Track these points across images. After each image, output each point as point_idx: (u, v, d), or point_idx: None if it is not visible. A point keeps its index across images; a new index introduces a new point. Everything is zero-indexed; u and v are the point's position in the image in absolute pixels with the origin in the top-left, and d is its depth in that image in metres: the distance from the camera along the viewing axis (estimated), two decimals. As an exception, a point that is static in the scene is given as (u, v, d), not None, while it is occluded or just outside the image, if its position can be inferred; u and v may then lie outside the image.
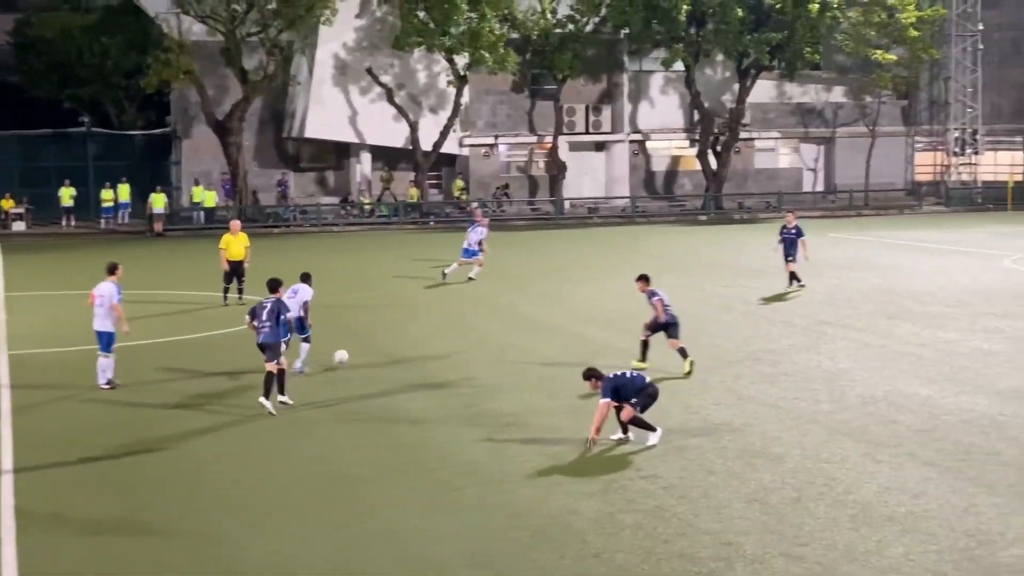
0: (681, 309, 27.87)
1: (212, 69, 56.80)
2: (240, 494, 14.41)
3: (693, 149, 63.58)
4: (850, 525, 12.89)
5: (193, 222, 56.28)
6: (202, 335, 25.79)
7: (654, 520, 13.16)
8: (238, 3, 54.26)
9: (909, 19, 61.17)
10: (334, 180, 62.02)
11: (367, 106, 58.90)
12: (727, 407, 18.32)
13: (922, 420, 17.33)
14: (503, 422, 17.57)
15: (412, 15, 55.57)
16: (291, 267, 38.85)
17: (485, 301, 30.27)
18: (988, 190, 65.37)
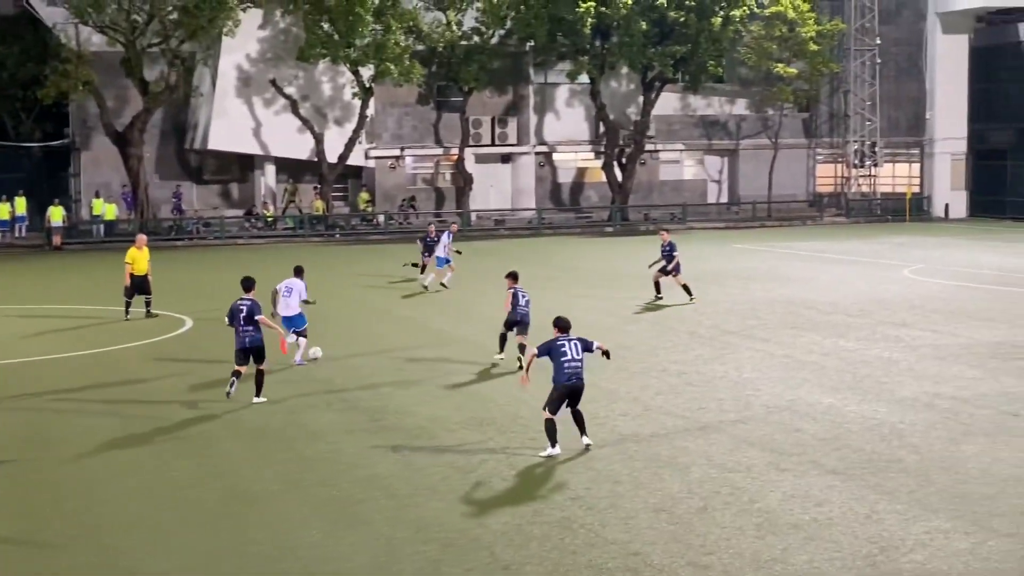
0: (588, 320, 28.05)
1: (112, 80, 55.97)
2: (141, 511, 14.12)
3: (599, 161, 63.97)
4: (756, 533, 12.97)
5: (93, 235, 55.30)
6: (102, 350, 25.29)
7: (562, 531, 13.13)
8: (138, 13, 53.50)
9: (809, 33, 62.21)
10: (238, 192, 61.38)
11: (271, 118, 58.40)
12: (634, 418, 18.37)
13: (825, 428, 17.53)
14: (409, 435, 17.44)
15: (316, 27, 55.28)
16: (193, 280, 38.46)
17: (391, 313, 30.12)
18: (887, 201, 66.67)
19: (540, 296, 33.00)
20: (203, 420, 18.63)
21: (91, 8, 52.22)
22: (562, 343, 16.62)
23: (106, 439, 17.56)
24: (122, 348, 25.45)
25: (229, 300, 23.35)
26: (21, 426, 18.36)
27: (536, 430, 17.53)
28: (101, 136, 56.47)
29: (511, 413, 18.74)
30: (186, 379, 22.04)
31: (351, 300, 32.20)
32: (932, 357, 23.03)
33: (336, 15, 54.63)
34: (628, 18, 56.99)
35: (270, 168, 60.09)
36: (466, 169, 60.45)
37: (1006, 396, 19.53)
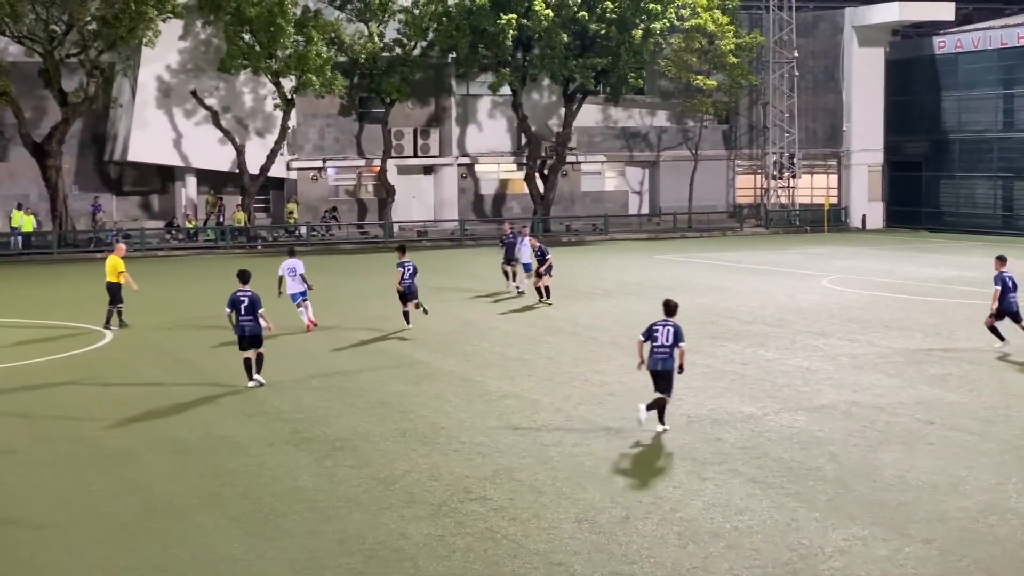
0: (509, 330, 28.12)
1: (30, 90, 55.17)
2: (56, 526, 13.91)
3: (521, 172, 64.14)
4: (677, 542, 13.08)
5: (11, 247, 54.43)
6: (18, 363, 24.88)
7: (485, 542, 13.15)
8: (57, 23, 52.81)
9: (728, 46, 62.89)
10: (159, 204, 60.73)
11: (192, 129, 57.88)
12: (556, 428, 18.44)
13: (745, 437, 17.71)
14: (331, 447, 17.37)
15: (237, 37, 54.92)
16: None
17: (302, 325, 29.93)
18: (805, 212, 67.59)
19: (461, 307, 33.09)
20: (121, 434, 18.42)
21: (8, 18, 51.48)
22: (657, 328, 18.19)
23: (20, 452, 17.29)
24: (39, 362, 25.08)
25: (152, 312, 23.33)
26: (-66, 442, 18.04)
27: (460, 440, 17.57)
28: (19, 147, 55.60)
29: (433, 424, 18.73)
30: (105, 392, 21.76)
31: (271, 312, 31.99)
32: (850, 366, 23.38)
33: (257, 26, 54.33)
34: (549, 30, 57.28)
35: (191, 179, 59.54)
36: (388, 180, 60.31)
37: (922, 404, 19.87)
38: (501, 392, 21.20)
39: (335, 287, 38.34)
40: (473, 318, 30.95)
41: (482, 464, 16.32)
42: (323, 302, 34.19)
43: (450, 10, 58.45)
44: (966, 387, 21.26)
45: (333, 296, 35.75)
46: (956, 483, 15.15)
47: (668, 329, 18.07)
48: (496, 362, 24.30)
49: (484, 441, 17.60)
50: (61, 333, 29.26)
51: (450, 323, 29.90)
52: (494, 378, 22.53)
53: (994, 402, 19.95)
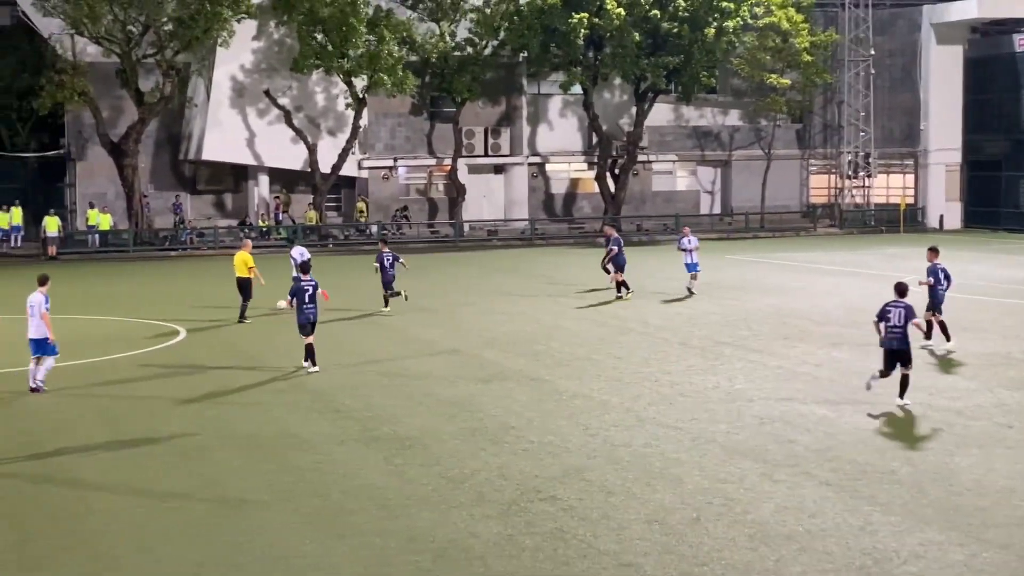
0: (578, 330, 28.05)
1: (107, 90, 55.97)
2: (132, 520, 14.07)
3: (592, 172, 63.99)
4: (748, 544, 12.94)
5: (88, 246, 55.24)
6: (94, 360, 25.22)
7: (554, 542, 13.09)
8: (134, 24, 53.51)
9: (803, 44, 62.28)
10: (232, 202, 61.34)
11: (265, 128, 58.40)
12: (626, 428, 18.34)
13: (818, 439, 17.50)
14: (401, 445, 17.41)
15: (310, 37, 55.32)
16: (187, 290, 38.41)
17: (381, 324, 30.08)
18: (880, 212, 66.75)
19: (530, 307, 33.05)
20: (195, 430, 18.59)
21: (87, 19, 52.24)
22: (890, 310, 19.62)
23: (98, 448, 17.51)
24: (115, 358, 25.40)
25: (222, 310, 23.61)
26: (14, 435, 18.31)
27: (529, 440, 17.54)
28: (96, 147, 56.44)
29: (503, 423, 18.71)
30: (179, 389, 21.99)
31: (340, 310, 32.15)
32: (926, 368, 23.01)
33: (330, 26, 54.68)
34: (621, 29, 57.06)
35: (263, 178, 60.06)
36: (459, 180, 60.44)
37: (1000, 407, 19.52)
38: (570, 392, 21.13)
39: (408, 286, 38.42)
40: (542, 318, 30.90)
41: (551, 464, 16.26)
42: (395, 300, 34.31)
43: (521, 9, 58.45)
44: (1045, 390, 20.85)
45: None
46: (1035, 488, 14.87)
47: (900, 310, 19.55)
48: (565, 362, 24.23)
49: (553, 440, 17.55)
50: (138, 330, 29.62)
51: (519, 323, 29.88)
52: (563, 378, 22.47)
53: (1074, 406, 19.55)
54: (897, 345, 19.48)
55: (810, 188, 69.20)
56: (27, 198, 57.72)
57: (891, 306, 19.58)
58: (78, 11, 51.81)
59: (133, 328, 29.88)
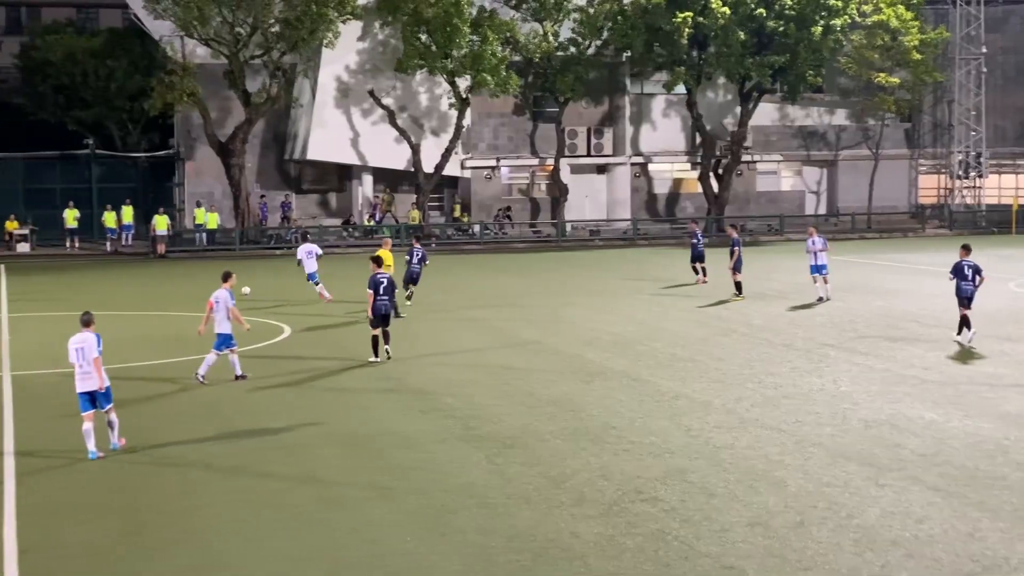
0: (681, 332, 27.86)
1: (215, 91, 56.93)
2: (236, 516, 14.28)
3: (695, 172, 63.58)
4: (854, 550, 12.74)
5: (196, 244, 56.25)
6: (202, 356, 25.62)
7: (655, 543, 13.02)
8: (242, 26, 54.37)
9: (912, 42, 61.23)
10: (336, 202, 62.02)
11: (369, 128, 58.97)
12: (728, 430, 18.18)
13: (926, 444, 17.18)
14: (503, 445, 17.44)
15: (414, 38, 55.71)
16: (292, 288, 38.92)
17: (484, 324, 30.17)
18: (992, 213, 65.33)
19: (632, 307, 32.92)
20: (299, 426, 18.81)
21: (196, 21, 53.20)
22: (963, 265, 25.61)
23: (206, 443, 17.81)
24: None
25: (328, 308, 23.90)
26: (123, 429, 18.67)
27: (631, 440, 17.46)
28: (204, 146, 57.46)
29: (604, 423, 18.65)
30: (283, 386, 22.27)
31: (440, 310, 32.30)
32: (1037, 372, 22.49)
33: (434, 26, 55.03)
34: (726, 28, 56.59)
35: (367, 178, 60.65)
36: (561, 179, 60.44)
37: (1115, 413, 19.00)
38: (672, 392, 21.00)
39: (507, 286, 38.60)
40: (644, 318, 30.77)
41: (653, 464, 16.18)
42: (496, 299, 34.49)
43: (625, 9, 58.28)
44: None
45: (508, 294, 35.93)
46: None
47: (970, 267, 25.49)
48: (667, 363, 24.09)
49: (655, 441, 17.46)
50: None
51: (621, 323, 29.78)
52: (665, 378, 22.35)
53: None
54: (968, 293, 25.40)
55: (919, 188, 68.03)
56: (137, 197, 58.97)
57: (963, 263, 25.58)
58: (188, 13, 52.80)
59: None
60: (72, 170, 60.99)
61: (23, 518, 14.27)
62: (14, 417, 19.69)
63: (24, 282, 41.90)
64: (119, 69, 64.21)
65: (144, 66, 62.03)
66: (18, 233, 55.64)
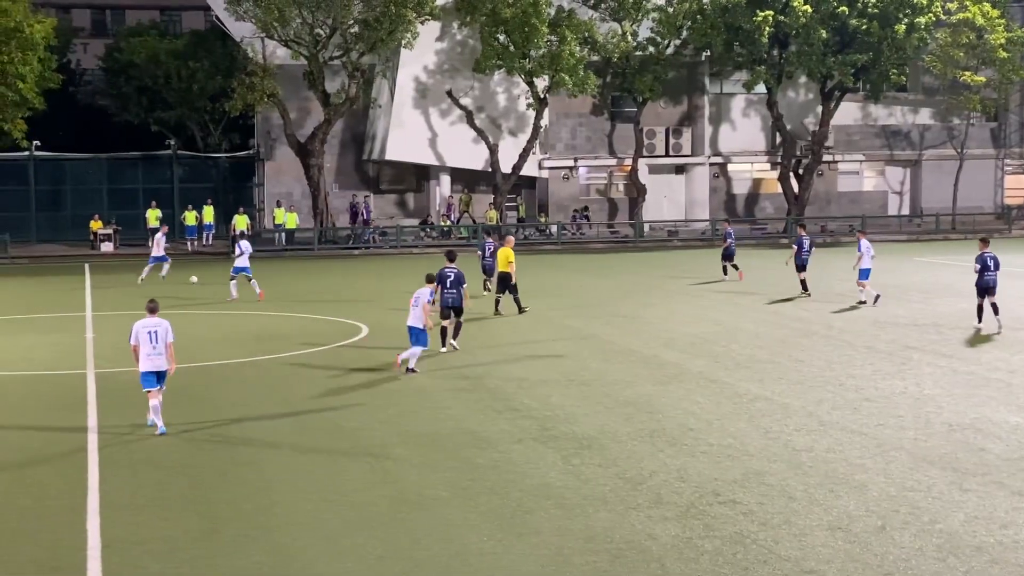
0: (760, 333, 27.59)
1: (295, 92, 57.47)
2: (314, 513, 14.33)
3: (775, 172, 63.04)
4: (937, 555, 12.50)
5: (275, 243, 56.77)
6: (280, 355, 25.84)
7: (734, 547, 12.86)
8: (321, 27, 54.81)
9: (998, 40, 60.21)
10: (414, 202, 62.29)
11: (447, 128, 59.16)
12: (808, 433, 17.94)
13: (1011, 448, 16.83)
14: (579, 445, 17.35)
15: (492, 38, 55.80)
16: (370, 288, 39.15)
17: (560, 324, 30.09)
18: (1079, 213, 64.10)
19: (710, 308, 32.67)
20: (375, 425, 18.87)
21: (276, 23, 53.74)
22: (985, 256, 27.46)
23: (283, 441, 17.92)
24: (299, 354, 25.97)
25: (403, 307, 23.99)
26: (199, 426, 18.87)
27: (708, 442, 17.30)
28: (284, 147, 58.02)
29: (681, 424, 18.50)
30: (360, 386, 22.37)
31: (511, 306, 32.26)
32: None
33: (512, 27, 55.07)
34: (807, 27, 56.02)
35: (445, 178, 60.85)
36: (639, 180, 60.22)
37: None
38: (751, 395, 20.78)
39: (585, 286, 38.46)
40: (723, 319, 30.52)
41: (731, 467, 16.00)
42: (574, 299, 34.40)
43: (705, 8, 57.96)
44: None
45: (585, 294, 35.82)
46: None
47: (991, 258, 26.83)
48: (745, 364, 23.86)
49: (733, 443, 17.27)
50: (322, 327, 30.27)
51: (699, 324, 29.56)
52: (743, 380, 22.12)
53: None
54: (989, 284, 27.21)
55: (1005, 188, 66.86)
56: (218, 197, 59.67)
57: (986, 255, 27.38)
58: (268, 15, 53.35)
59: (318, 325, 30.53)
60: (154, 170, 61.91)
61: (106, 512, 14.44)
62: (98, 414, 19.95)
63: (108, 281, 42.51)
64: (201, 71, 65.04)
65: (225, 67, 62.77)
66: (102, 233, 56.53)
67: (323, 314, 32.47)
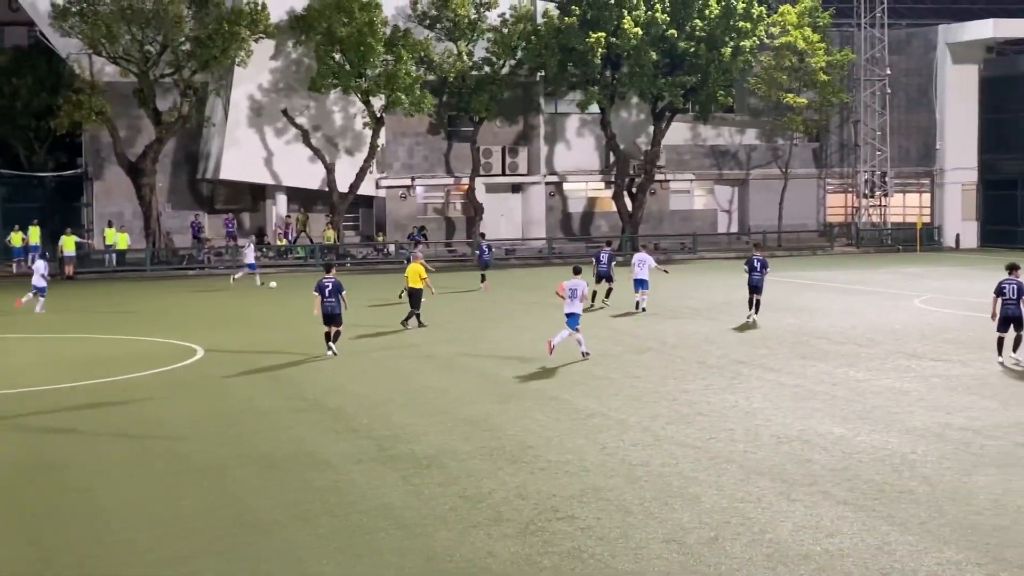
0: (597, 349, 28.04)
1: (125, 110, 56.28)
2: (150, 540, 14.10)
3: (609, 191, 64.07)
4: (766, 564, 12.93)
5: (105, 265, 55.45)
6: (112, 379, 25.31)
7: (572, 562, 13.09)
8: (151, 44, 53.83)
9: (819, 64, 62.41)
10: (250, 221, 61.56)
11: (283, 147, 58.63)
12: (644, 447, 18.34)
13: (836, 459, 17.47)
14: (419, 465, 17.43)
15: (328, 57, 55.58)
16: (204, 309, 38.59)
17: (400, 343, 30.13)
18: (897, 231, 66.71)
19: (547, 326, 33.02)
20: (212, 449, 18.65)
21: (104, 39, 52.59)
22: (1004, 285, 24.97)
23: (115, 467, 17.58)
24: (132, 377, 25.49)
25: (240, 328, 23.78)
26: (28, 453, 18.40)
27: (547, 459, 17.55)
28: (114, 166, 56.75)
29: (520, 442, 18.72)
30: (196, 407, 22.07)
31: (361, 325, 32.19)
32: (943, 387, 22.99)
33: (347, 46, 54.94)
34: (638, 48, 57.23)
35: (281, 197, 60.28)
36: (476, 199, 60.60)
37: (1018, 426, 19.47)
38: (588, 411, 21.14)
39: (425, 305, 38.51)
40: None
41: (569, 483, 16.27)
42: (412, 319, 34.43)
43: (539, 29, 58.73)
44: (1064, 410, 20.79)
45: (424, 314, 35.91)
46: (1054, 508, 14.82)
47: (1013, 286, 24.79)
48: (582, 381, 24.25)
49: (571, 460, 17.56)
50: (155, 349, 29.74)
51: (537, 342, 29.88)
52: (581, 396, 22.49)
53: (1094, 426, 19.49)
54: (1011, 313, 24.73)
55: (827, 207, 69.18)
56: (44, 217, 57.99)
57: (1006, 283, 24.91)
58: (96, 31, 52.18)
59: (151, 347, 30.00)
60: (-25, 190, 59.89)
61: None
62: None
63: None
64: (24, 87, 63.09)
65: (51, 84, 61.02)
66: (-79, 254, 54.52)
67: (156, 336, 31.91)
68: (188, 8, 53.92)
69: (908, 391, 22.66)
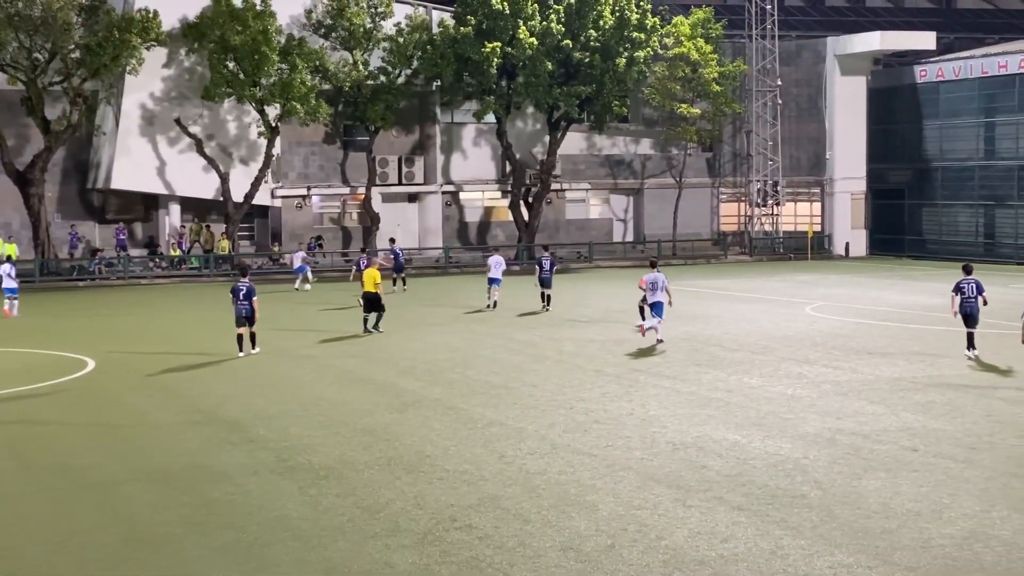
0: (495, 358, 28.13)
1: (12, 118, 55.15)
2: (40, 557, 13.82)
3: (506, 200, 64.26)
4: (663, 570, 13.05)
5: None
6: (2, 392, 24.76)
7: (470, 571, 13.10)
8: (40, 51, 52.83)
9: (712, 75, 63.27)
10: (142, 231, 60.63)
11: (176, 157, 57.86)
12: (542, 456, 18.42)
13: (730, 465, 17.71)
14: (317, 476, 17.31)
15: (222, 65, 55.03)
16: (94, 321, 37.93)
17: (296, 354, 29.91)
18: (789, 240, 67.89)
19: (445, 334, 33.08)
20: (104, 463, 18.33)
21: (-10, 46, 51.46)
22: (963, 284, 27.04)
23: (4, 483, 17.19)
24: (21, 390, 24.97)
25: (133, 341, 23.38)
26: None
27: (445, 468, 17.54)
28: (1, 175, 55.50)
29: (418, 452, 18.69)
30: (88, 421, 21.68)
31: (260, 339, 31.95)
32: (834, 393, 23.43)
33: (241, 54, 54.46)
34: (534, 58, 57.56)
35: (175, 207, 59.47)
36: (373, 208, 60.39)
37: (906, 431, 19.91)
38: (486, 420, 21.18)
39: (320, 317, 38.31)
40: (459, 345, 30.96)
41: (467, 492, 16.28)
42: (309, 329, 34.21)
43: (434, 38, 58.77)
44: (950, 414, 21.31)
45: (320, 323, 35.67)
46: (940, 510, 15.17)
47: (972, 284, 26.95)
48: (481, 390, 24.29)
49: (469, 469, 17.57)
50: (43, 361, 29.16)
51: (436, 351, 29.90)
52: (479, 406, 22.52)
53: (978, 429, 20.01)
54: (969, 310, 26.88)
55: (720, 216, 70.12)
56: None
57: (964, 282, 27.06)
58: (-19, 38, 51.05)
59: (39, 360, 29.40)
60: None
61: None
62: None
63: None
64: (-93, 94, 61.52)
65: (-65, 91, 59.57)
66: None
67: (45, 348, 31.28)
68: (78, 15, 52.99)
69: (800, 397, 23.06)
